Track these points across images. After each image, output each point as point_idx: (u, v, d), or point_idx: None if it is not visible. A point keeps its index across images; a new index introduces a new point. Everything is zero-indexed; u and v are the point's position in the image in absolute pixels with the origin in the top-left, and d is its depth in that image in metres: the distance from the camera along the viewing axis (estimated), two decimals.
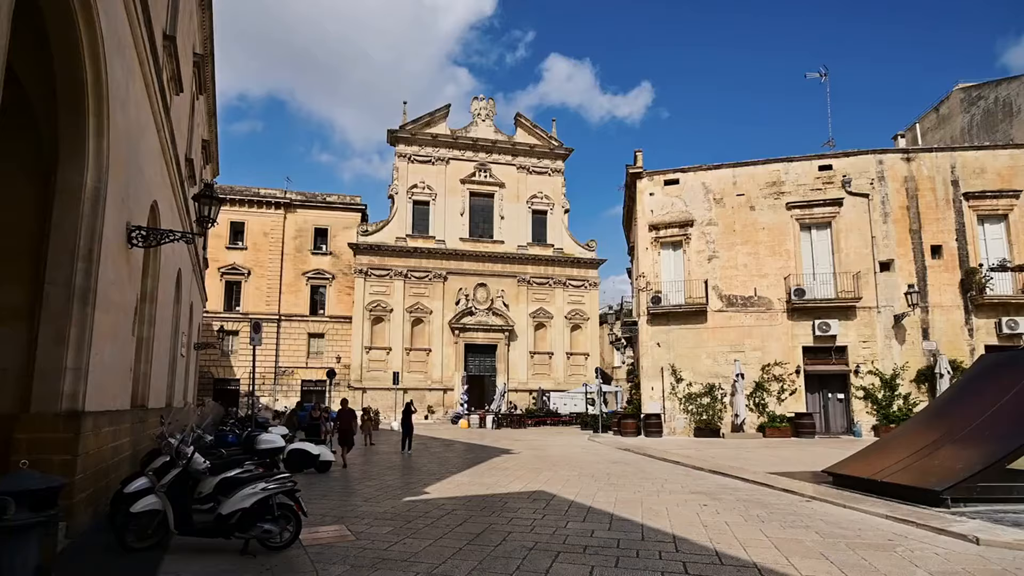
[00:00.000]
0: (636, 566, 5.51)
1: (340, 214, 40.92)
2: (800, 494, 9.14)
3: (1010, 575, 5.11)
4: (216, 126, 21.48)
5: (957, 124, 27.11)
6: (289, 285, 39.22)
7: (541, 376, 40.00)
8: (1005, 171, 21.62)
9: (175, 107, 11.38)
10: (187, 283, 16.38)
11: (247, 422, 18.21)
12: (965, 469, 7.67)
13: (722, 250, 22.76)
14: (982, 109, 25.64)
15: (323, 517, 7.87)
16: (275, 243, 39.32)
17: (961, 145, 23.63)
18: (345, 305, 39.49)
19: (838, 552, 5.91)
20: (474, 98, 43.01)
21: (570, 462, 14.53)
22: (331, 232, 40.49)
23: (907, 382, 20.78)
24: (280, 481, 6.09)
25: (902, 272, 21.36)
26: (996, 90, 24.99)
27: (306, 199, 40.69)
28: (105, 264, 6.61)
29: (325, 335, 39.37)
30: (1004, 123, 24.26)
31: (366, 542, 6.49)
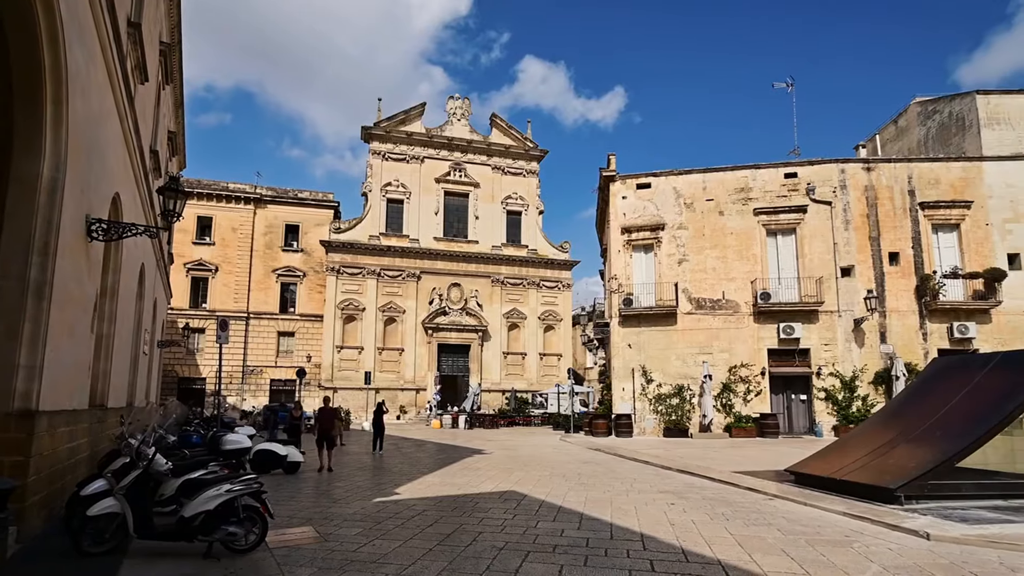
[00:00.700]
0: (604, 564, 5.56)
1: (312, 211, 40.22)
2: (763, 492, 9.35)
3: (957, 568, 5.33)
4: (183, 117, 20.86)
5: (914, 136, 28.15)
6: (258, 282, 38.38)
7: (514, 376, 40.04)
8: (958, 182, 22.53)
9: (140, 96, 11.02)
10: (151, 278, 15.86)
11: (212, 422, 17.75)
12: (917, 468, 7.96)
13: (692, 254, 23.15)
14: (937, 122, 26.69)
15: (290, 519, 7.72)
16: (244, 239, 38.42)
17: (917, 157, 24.55)
18: (316, 303, 38.86)
19: (798, 548, 6.06)
20: (450, 97, 42.85)
21: (542, 462, 14.57)
22: (302, 229, 39.78)
23: (866, 384, 21.45)
24: (246, 482, 5.94)
25: (862, 278, 22.06)
26: (950, 104, 26.04)
27: (277, 195, 39.88)
28: (62, 257, 6.35)
29: (295, 334, 38.65)
30: (957, 136, 25.29)
31: (334, 543, 6.38)
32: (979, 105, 24.29)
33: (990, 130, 24.01)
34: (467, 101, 42.73)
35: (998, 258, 21.84)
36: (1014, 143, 23.62)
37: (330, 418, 13.49)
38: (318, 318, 38.34)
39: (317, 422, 13.81)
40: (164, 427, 8.43)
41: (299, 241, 39.59)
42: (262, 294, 38.31)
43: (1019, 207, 22.30)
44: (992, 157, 22.93)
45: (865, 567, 5.40)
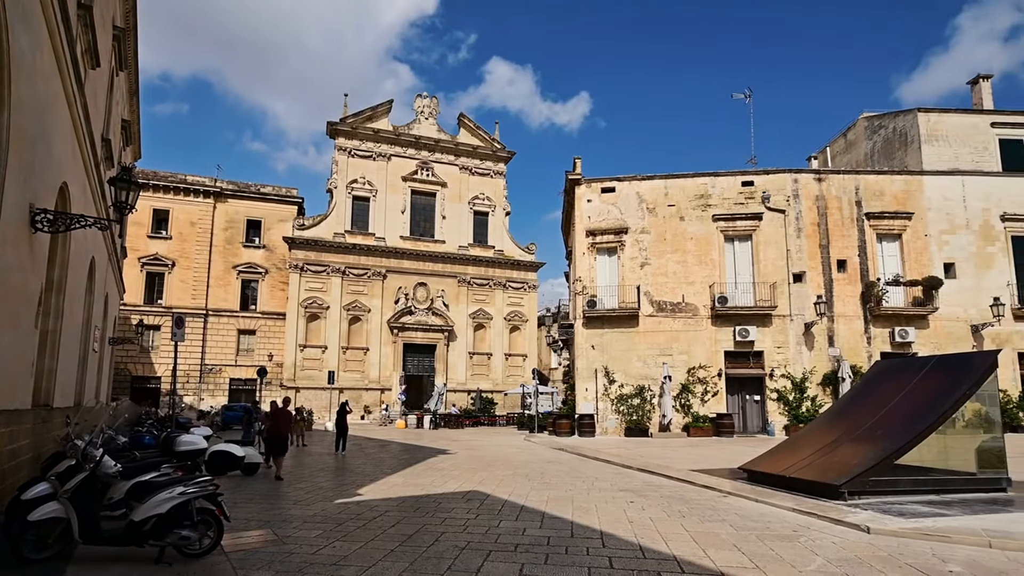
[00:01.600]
0: (565, 562, 5.61)
1: (275, 206, 39.19)
2: (718, 490, 9.60)
3: (894, 560, 5.59)
4: (138, 106, 19.98)
5: (862, 149, 29.40)
6: (218, 278, 37.17)
7: (480, 377, 39.98)
8: (900, 195, 23.66)
9: (91, 82, 10.51)
10: (102, 273, 15.14)
11: (167, 422, 17.09)
12: (860, 465, 8.32)
13: (654, 257, 23.58)
14: (883, 137, 27.96)
15: (248, 522, 7.51)
16: (203, 234, 37.14)
17: (864, 169, 25.67)
18: (278, 301, 37.89)
19: (749, 543, 6.25)
20: (418, 95, 42.46)
21: (506, 462, 14.59)
22: (265, 224, 38.71)
23: (815, 385, 22.27)
24: (201, 484, 5.75)
25: (812, 284, 22.91)
26: (894, 120, 27.32)
27: (238, 189, 38.69)
28: (3, 248, 6.00)
29: (256, 332, 37.59)
30: (900, 151, 26.55)
31: (293, 546, 6.24)
32: (920, 122, 25.56)
33: (930, 146, 25.27)
34: (435, 100, 42.45)
35: (935, 267, 23.04)
36: (951, 159, 24.95)
37: (284, 420, 12.39)
38: (280, 316, 37.40)
39: (270, 423, 12.42)
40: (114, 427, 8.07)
41: (261, 237, 38.53)
42: (222, 291, 37.12)
43: (955, 220, 23.58)
44: (931, 172, 24.16)
45: (810, 560, 5.61)
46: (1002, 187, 24.01)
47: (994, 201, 23.78)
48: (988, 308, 22.51)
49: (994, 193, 23.87)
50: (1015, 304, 22.91)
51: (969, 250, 23.37)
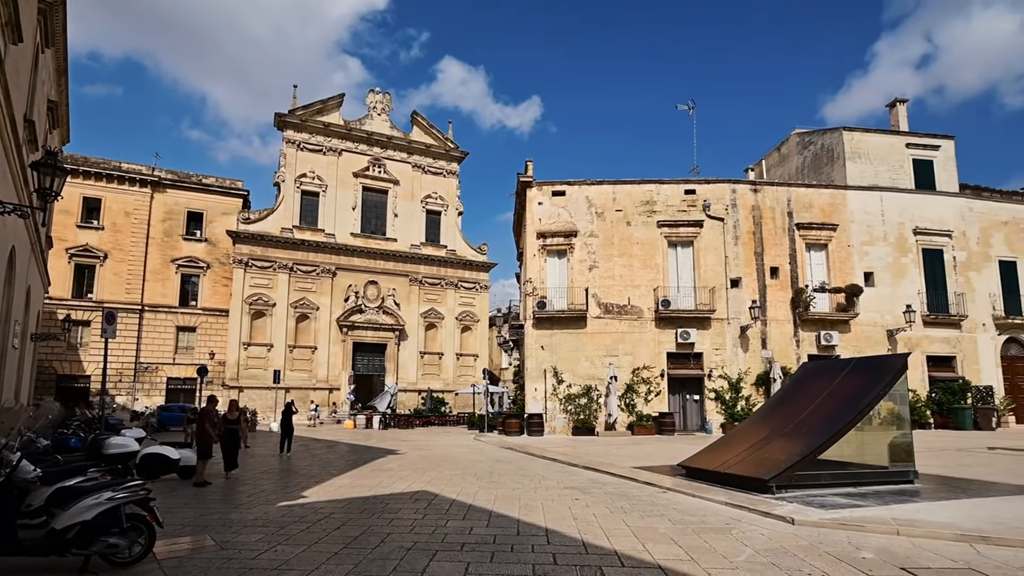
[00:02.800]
0: (510, 560, 5.65)
1: (218, 198, 37.46)
2: (659, 486, 9.90)
3: (814, 548, 5.95)
4: (67, 86, 18.58)
5: (794, 163, 31.03)
6: (155, 272, 35.21)
7: (431, 376, 39.62)
8: (827, 207, 25.14)
9: (12, 58, 9.73)
10: (23, 263, 14.03)
11: (95, 424, 16.02)
12: (787, 460, 8.79)
13: (602, 261, 24.06)
14: (812, 152, 29.62)
15: (183, 527, 7.17)
16: (139, 225, 35.08)
17: (796, 182, 27.07)
18: (221, 297, 36.27)
19: (686, 537, 6.49)
20: (370, 90, 41.65)
21: (455, 461, 14.52)
22: (207, 217, 36.96)
23: (749, 385, 23.30)
24: (131, 489, 5.45)
25: (748, 289, 23.99)
26: (823, 137, 29.00)
27: (178, 179, 36.77)
28: None
29: (197, 329, 35.85)
30: (828, 166, 28.20)
31: (232, 551, 6.01)
32: (845, 140, 27.23)
33: (853, 163, 26.97)
34: (388, 96, 41.76)
35: (857, 276, 24.60)
36: (872, 176, 26.71)
37: (214, 422, 11.39)
38: (223, 313, 35.81)
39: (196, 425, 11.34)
40: (34, 429, 7.51)
41: (203, 230, 36.77)
42: (159, 285, 35.19)
43: (874, 232, 25.26)
44: (854, 187, 25.79)
45: (741, 551, 5.89)
46: (915, 203, 25.93)
47: (908, 216, 25.65)
48: (902, 314, 24.26)
49: (908, 208, 25.74)
50: (924, 311, 24.78)
51: (886, 260, 25.09)
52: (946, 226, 25.86)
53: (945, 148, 27.46)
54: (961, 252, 25.89)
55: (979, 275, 25.90)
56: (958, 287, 25.48)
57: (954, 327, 25.11)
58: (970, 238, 26.10)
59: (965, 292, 25.46)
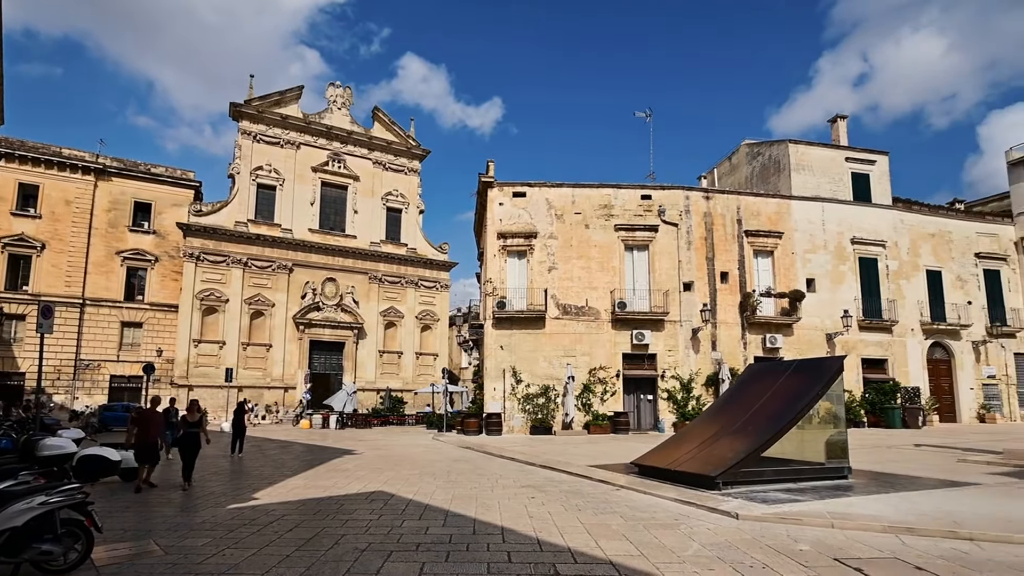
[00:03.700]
0: (465, 559, 5.65)
1: (168, 189, 35.77)
2: (612, 484, 10.09)
3: (756, 542, 6.20)
4: (0, 65, 17.39)
5: (743, 172, 32.19)
6: (99, 265, 33.37)
7: (390, 376, 39.04)
8: (773, 216, 26.20)
9: None
10: None
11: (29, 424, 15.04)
12: (733, 458, 9.12)
13: (561, 262, 24.29)
14: (760, 163, 30.81)
15: (125, 532, 6.84)
16: (81, 214, 33.14)
17: (745, 191, 28.05)
18: (170, 292, 34.69)
19: (636, 533, 6.65)
20: (330, 84, 40.66)
21: (413, 461, 14.38)
22: (156, 208, 35.25)
23: (699, 385, 24.00)
24: (67, 493, 5.16)
25: (699, 293, 24.72)
26: (770, 149, 30.21)
27: (125, 167, 34.91)
28: None
29: (144, 325, 34.17)
30: (774, 176, 29.40)
31: (177, 557, 5.77)
32: (790, 152, 28.45)
33: (798, 174, 28.20)
34: (348, 90, 40.88)
35: (800, 282, 25.74)
36: (814, 187, 27.99)
37: (156, 422, 10.31)
38: (172, 308, 34.26)
39: (137, 427, 10.18)
40: None
41: (151, 222, 35.07)
42: (103, 278, 33.36)
43: (815, 240, 26.50)
44: (798, 197, 26.97)
45: (688, 546, 6.08)
46: (853, 214, 27.34)
47: (846, 226, 27.02)
48: (840, 319, 25.53)
49: (846, 219, 27.12)
50: (860, 316, 26.16)
51: (826, 268, 26.35)
52: (880, 236, 27.38)
53: (880, 163, 29.07)
54: (893, 261, 27.47)
55: (909, 283, 27.56)
56: (890, 294, 27.02)
57: (886, 332, 26.62)
58: (901, 248, 27.73)
59: (896, 299, 27.03)
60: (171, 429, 13.89)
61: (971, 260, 28.86)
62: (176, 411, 15.60)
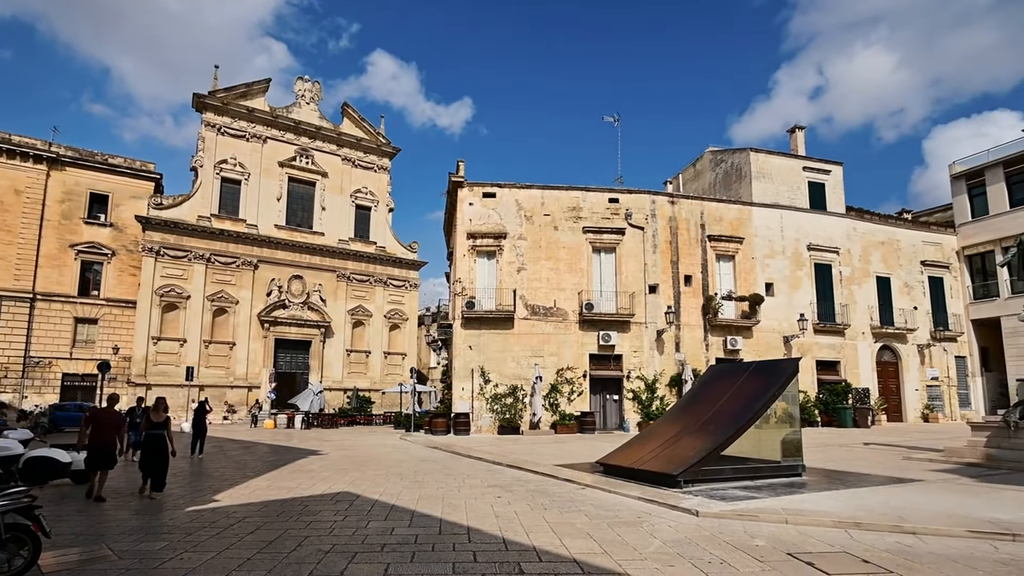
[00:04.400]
0: (431, 559, 5.61)
1: (127, 180, 34.42)
2: (578, 483, 10.18)
3: (715, 538, 6.36)
4: None
5: (707, 179, 32.96)
6: (51, 258, 31.84)
7: (357, 375, 38.42)
8: (735, 221, 26.91)
9: None
10: None
11: None
12: (694, 457, 9.32)
13: (529, 263, 24.38)
14: (723, 170, 31.60)
15: (76, 537, 6.54)
16: (32, 204, 31.60)
17: (708, 197, 28.73)
18: (128, 287, 33.35)
19: (600, 531, 6.73)
20: (299, 78, 39.77)
21: (379, 461, 14.19)
22: (113, 200, 33.86)
23: (663, 386, 24.43)
24: (12, 496, 4.91)
25: (664, 295, 25.19)
26: (732, 156, 31.03)
27: (80, 156, 33.43)
28: None
29: (99, 321, 32.76)
30: (736, 183, 30.20)
31: (131, 562, 5.55)
32: (752, 160, 29.28)
33: (758, 181, 29.04)
34: (317, 84, 40.08)
35: (759, 286, 26.51)
36: (774, 194, 28.87)
37: (113, 424, 9.12)
38: (130, 304, 32.95)
39: (90, 428, 8.94)
40: None
41: (108, 214, 33.67)
42: (55, 272, 31.84)
43: (774, 246, 27.34)
44: (758, 204, 27.78)
45: (650, 543, 6.18)
46: (809, 222, 28.33)
47: (803, 233, 27.97)
48: (796, 322, 26.40)
49: (803, 226, 28.08)
50: (815, 320, 27.12)
51: (784, 273, 27.23)
52: (834, 243, 28.45)
53: (835, 173, 30.20)
54: (846, 267, 28.58)
55: (860, 289, 28.72)
56: (843, 299, 28.10)
57: (839, 335, 27.67)
58: (853, 255, 28.87)
59: (849, 304, 28.13)
60: (134, 430, 13.27)
61: (917, 267, 30.27)
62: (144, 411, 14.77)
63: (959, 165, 31.77)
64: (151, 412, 9.67)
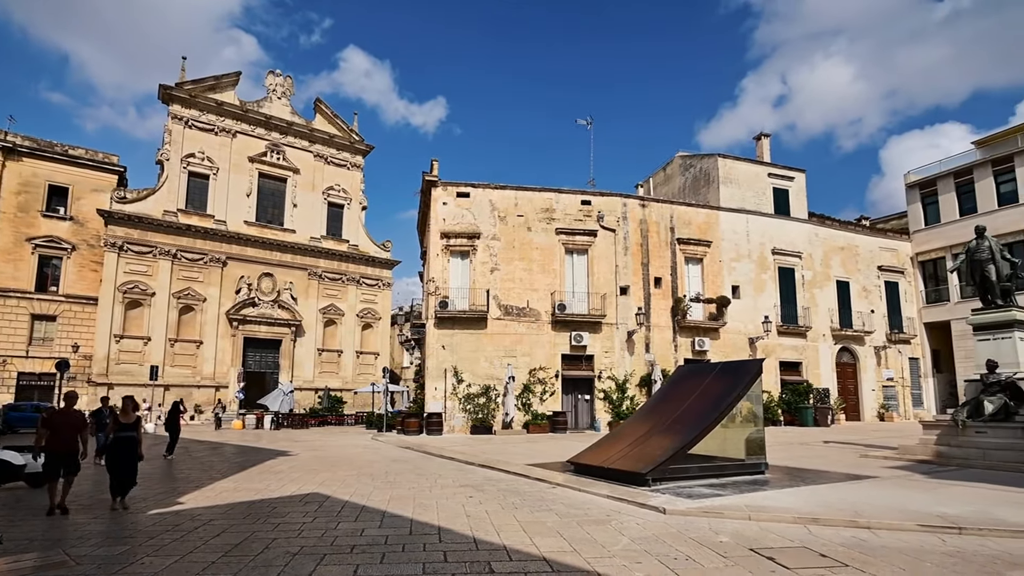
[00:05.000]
0: (401, 560, 5.57)
1: (88, 172, 33.14)
2: (549, 482, 10.23)
3: (681, 535, 6.48)
4: None
5: (677, 183, 33.55)
6: (6, 252, 30.44)
7: (329, 375, 37.80)
8: (703, 225, 27.47)
9: None
10: None
11: None
12: (662, 455, 9.48)
13: (503, 264, 24.39)
14: (692, 174, 32.22)
15: (31, 542, 6.27)
16: None
17: (678, 200, 29.20)
18: (89, 283, 32.11)
19: (570, 529, 6.78)
20: (270, 72, 38.96)
21: (351, 462, 13.99)
22: (74, 193, 32.57)
23: (634, 386, 24.76)
24: None
25: (635, 296, 25.53)
26: (701, 161, 31.67)
27: (38, 147, 32.05)
28: None
29: (58, 318, 31.45)
30: (705, 188, 30.83)
31: (89, 567, 5.35)
32: (720, 165, 29.93)
33: (726, 186, 29.70)
34: (289, 79, 39.32)
35: (726, 288, 27.10)
36: (740, 199, 29.56)
37: (72, 425, 8.15)
38: (91, 301, 31.72)
39: (47, 431, 8.03)
40: None
41: (68, 207, 32.36)
42: (10, 267, 30.44)
43: (740, 249, 28.01)
44: (725, 208, 28.41)
45: (618, 541, 6.26)
46: (774, 226, 29.12)
47: (768, 237, 28.73)
48: (761, 324, 27.10)
49: (768, 231, 28.84)
50: (779, 322, 27.88)
51: (749, 276, 27.91)
52: (797, 248, 29.31)
53: (798, 180, 31.10)
54: (808, 271, 29.47)
55: (821, 292, 29.65)
56: (805, 302, 28.97)
57: (801, 336, 28.51)
58: (815, 260, 29.79)
59: (810, 306, 29.02)
60: (103, 431, 12.66)
61: (874, 272, 31.42)
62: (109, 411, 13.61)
63: (913, 175, 33.09)
64: (119, 413, 8.88)
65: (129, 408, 8.90)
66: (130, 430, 8.60)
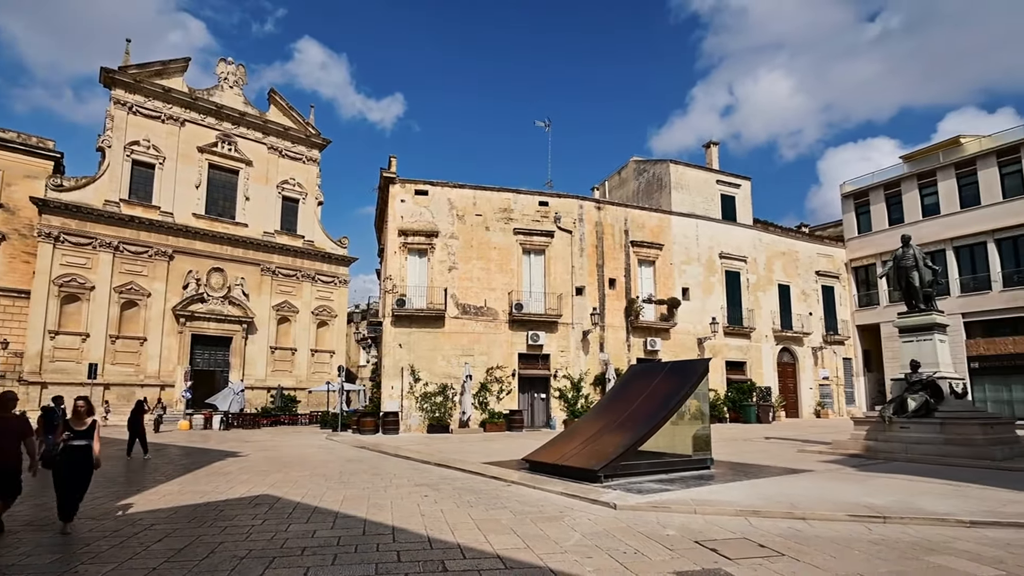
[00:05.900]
0: (353, 561, 5.48)
1: (20, 157, 30.88)
2: (504, 480, 10.27)
3: (631, 529, 6.65)
4: None
5: (631, 187, 34.31)
6: None
7: (282, 373, 36.57)
8: (656, 228, 28.22)
9: None
10: None
11: None
12: (613, 452, 9.70)
13: (461, 262, 24.30)
14: (646, 179, 33.04)
15: None
16: None
17: (632, 204, 29.92)
18: (20, 276, 29.92)
19: (524, 526, 6.84)
20: (221, 59, 37.30)
21: (304, 462, 13.62)
22: (4, 179, 30.31)
23: (588, 384, 25.15)
24: None
25: (590, 297, 25.95)
26: (654, 167, 32.52)
27: None
28: None
29: None
30: (657, 192, 31.68)
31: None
32: (671, 171, 30.81)
33: (677, 192, 30.60)
34: (242, 68, 37.77)
35: (677, 290, 27.93)
36: (691, 204, 30.54)
37: (12, 433, 6.68)
38: (22, 294, 29.57)
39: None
40: None
41: None
42: None
43: (690, 253, 28.92)
44: (676, 213, 29.27)
45: (570, 536, 6.37)
46: (721, 231, 30.21)
47: (716, 242, 29.79)
48: (709, 325, 28.07)
49: (716, 236, 29.90)
50: (726, 323, 28.95)
51: (699, 278, 28.86)
52: (743, 252, 30.52)
53: (744, 187, 32.38)
54: (753, 275, 30.73)
55: (764, 295, 30.98)
56: (750, 304, 30.20)
57: (745, 337, 29.71)
58: (759, 264, 31.10)
59: (754, 309, 30.27)
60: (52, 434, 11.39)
61: (813, 277, 33.08)
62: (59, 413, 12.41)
63: (848, 185, 35.02)
64: (71, 418, 7.32)
65: (84, 412, 7.31)
66: (84, 437, 7.14)
